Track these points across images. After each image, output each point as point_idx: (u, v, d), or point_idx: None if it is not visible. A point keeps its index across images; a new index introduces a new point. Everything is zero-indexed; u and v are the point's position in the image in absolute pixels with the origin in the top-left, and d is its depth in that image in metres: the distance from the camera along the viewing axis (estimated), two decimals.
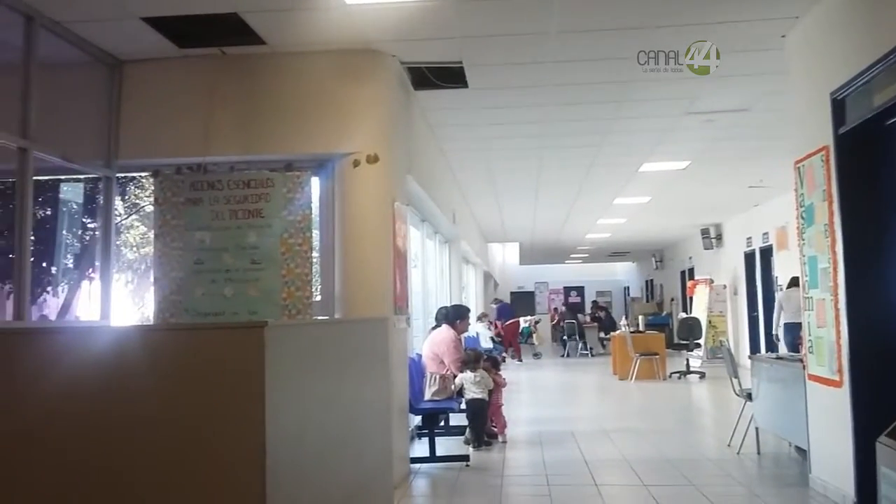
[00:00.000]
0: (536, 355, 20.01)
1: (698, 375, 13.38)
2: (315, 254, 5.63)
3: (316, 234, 5.69)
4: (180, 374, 2.33)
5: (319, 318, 5.41)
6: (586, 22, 5.26)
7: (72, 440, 2.32)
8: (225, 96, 5.64)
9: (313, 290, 5.53)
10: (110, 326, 4.63)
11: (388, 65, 5.78)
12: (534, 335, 21.21)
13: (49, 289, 9.64)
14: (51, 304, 9.65)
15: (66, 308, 8.84)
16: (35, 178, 4.83)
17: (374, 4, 4.88)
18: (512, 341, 19.04)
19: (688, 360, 14.18)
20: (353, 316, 5.40)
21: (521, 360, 18.45)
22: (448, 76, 6.20)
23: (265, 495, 2.16)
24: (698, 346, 15.26)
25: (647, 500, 5.17)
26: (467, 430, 7.27)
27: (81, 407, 2.33)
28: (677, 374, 13.47)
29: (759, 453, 6.53)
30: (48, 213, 8.78)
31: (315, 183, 5.68)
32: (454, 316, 7.77)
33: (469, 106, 7.15)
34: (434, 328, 7.98)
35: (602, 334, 20.43)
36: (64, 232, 8.81)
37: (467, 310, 8.46)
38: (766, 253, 14.21)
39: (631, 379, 13.08)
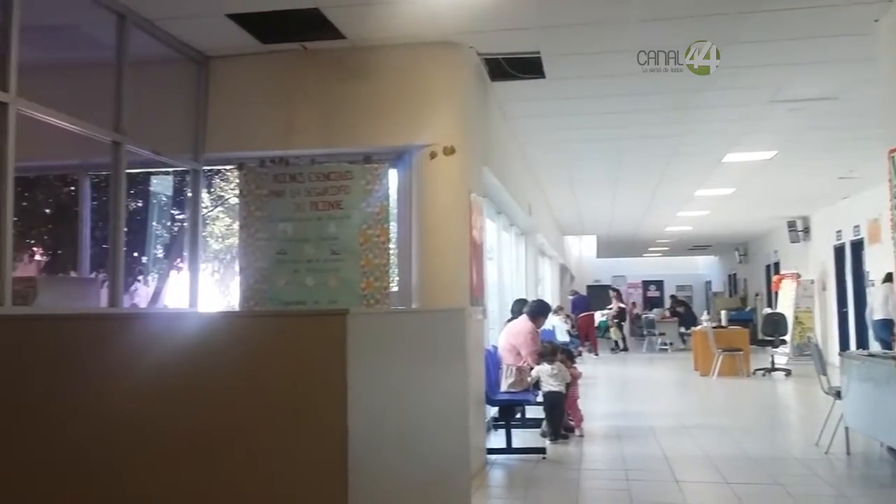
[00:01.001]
0: (614, 349, 19.74)
1: (784, 373, 12.93)
2: (392, 245, 5.71)
3: (393, 225, 5.76)
4: (264, 359, 2.40)
5: (397, 307, 5.47)
6: (667, 9, 5.13)
7: (161, 420, 2.42)
8: (306, 90, 5.75)
9: (391, 280, 5.59)
10: (198, 313, 4.79)
11: (465, 56, 5.79)
12: (611, 329, 20.92)
13: (140, 278, 10.06)
14: (141, 293, 10.06)
15: (156, 296, 9.19)
16: (127, 171, 5.04)
17: None
18: (588, 334, 18.82)
19: (773, 356, 13.72)
20: (430, 306, 5.44)
21: (597, 354, 18.23)
22: (525, 67, 6.16)
23: (347, 479, 2.21)
24: (784, 342, 14.75)
25: (730, 499, 5.04)
26: (544, 422, 7.24)
27: (170, 389, 2.43)
28: (762, 371, 13.05)
29: (848, 453, 6.28)
30: (139, 205, 9.15)
31: (393, 175, 5.74)
32: (537, 311, 7.74)
33: (546, 96, 7.08)
34: (510, 320, 7.98)
35: (682, 329, 19.99)
36: (154, 223, 9.17)
37: (549, 308, 8.42)
38: (857, 247, 13.61)
39: (713, 375, 12.75)
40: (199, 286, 5.95)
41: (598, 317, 20.38)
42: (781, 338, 14.54)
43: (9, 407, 2.54)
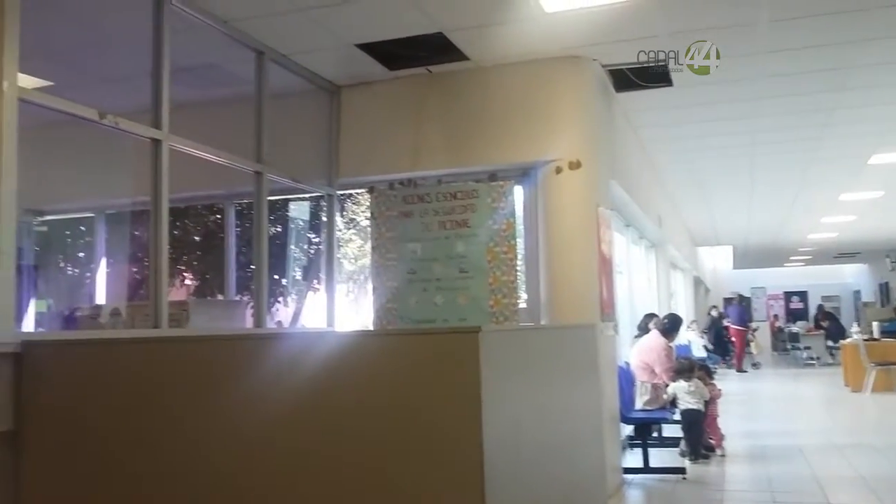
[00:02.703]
0: (755, 365, 18.80)
1: None
2: (520, 261, 5.71)
3: (520, 241, 5.77)
4: (400, 376, 2.47)
5: (527, 324, 5.47)
6: (800, 8, 4.90)
7: (301, 436, 2.53)
8: (432, 113, 5.89)
9: (519, 297, 5.60)
10: (336, 332, 4.98)
11: (588, 69, 5.75)
12: (752, 343, 19.93)
13: (280, 299, 10.56)
14: (282, 314, 10.55)
15: (296, 316, 9.62)
16: (268, 198, 5.33)
17: (573, 11, 4.88)
18: (739, 349, 17.95)
19: None
20: (560, 323, 5.41)
21: (741, 371, 17.38)
22: (651, 76, 6.04)
23: (484, 492, 2.23)
24: None
25: None
26: (682, 441, 7.00)
27: (310, 406, 2.54)
28: None
29: None
30: (279, 230, 9.63)
31: (518, 191, 5.77)
32: (669, 326, 7.54)
33: (674, 105, 6.91)
34: (637, 336, 7.81)
35: (829, 342, 18.79)
36: (292, 246, 9.63)
37: (681, 322, 8.18)
38: None
39: (866, 391, 11.89)
40: (335, 306, 6.18)
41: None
42: None
43: (166, 418, 2.74)
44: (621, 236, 8.96)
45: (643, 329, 7.89)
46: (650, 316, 8.15)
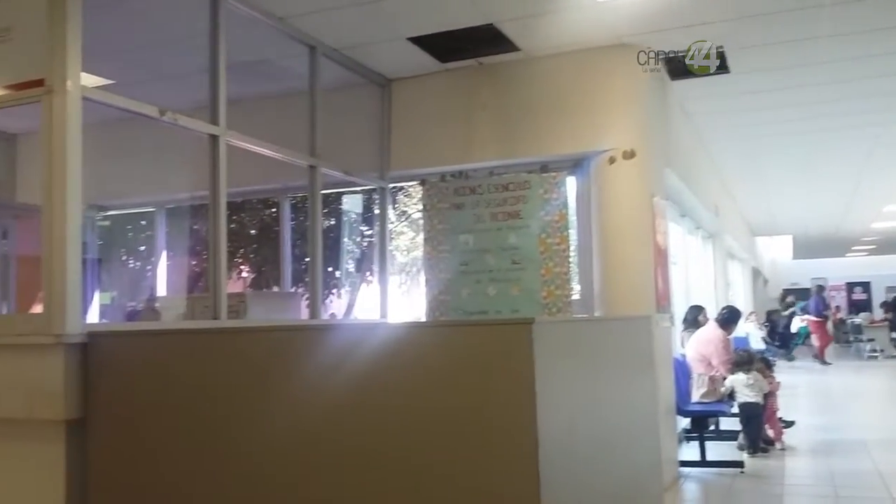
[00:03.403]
0: (817, 357, 18.31)
1: None
2: (573, 252, 5.67)
3: (573, 233, 5.73)
4: (453, 367, 2.47)
5: (581, 315, 5.43)
6: None
7: (355, 425, 2.56)
8: (483, 105, 5.87)
9: (572, 288, 5.56)
10: (389, 323, 5.02)
11: (641, 57, 5.65)
12: (812, 335, 19.40)
13: (334, 291, 10.69)
14: (336, 305, 10.68)
15: (349, 308, 9.73)
16: (322, 191, 5.39)
17: None
18: (822, 340, 17.40)
19: None
20: (614, 314, 5.36)
21: (825, 363, 16.74)
22: (707, 63, 5.91)
23: (539, 490, 2.22)
24: None
25: None
26: (740, 434, 6.88)
27: (364, 396, 2.57)
28: None
29: None
30: (332, 223, 9.75)
31: (571, 182, 5.72)
32: (727, 318, 7.42)
33: (730, 92, 6.76)
34: (684, 329, 7.71)
35: (894, 334, 18.19)
36: (346, 239, 9.74)
37: (739, 314, 8.04)
38: None
39: None
40: (388, 298, 6.23)
41: (799, 322, 18.97)
42: None
43: (225, 405, 2.80)
44: (677, 226, 8.83)
45: (691, 322, 7.79)
46: (697, 308, 8.03)
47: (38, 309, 3.48)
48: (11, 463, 3.19)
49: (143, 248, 10.14)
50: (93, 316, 6.40)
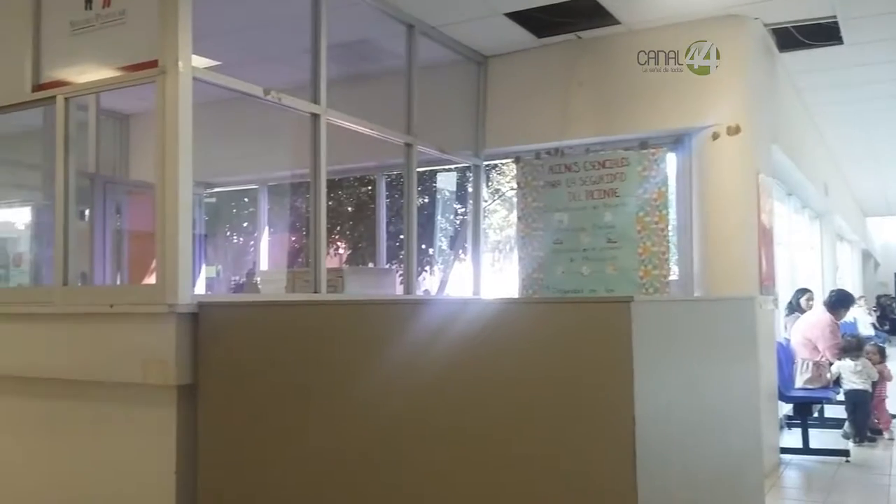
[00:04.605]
0: None
1: None
2: (672, 231, 5.54)
3: (672, 211, 5.58)
4: (549, 345, 2.46)
5: (680, 296, 5.30)
6: None
7: (447, 402, 2.58)
8: (581, 80, 5.77)
9: (670, 268, 5.44)
10: (483, 300, 5.04)
11: (749, 29, 5.42)
12: None
13: (427, 268, 10.81)
14: (429, 282, 10.80)
15: (442, 285, 9.81)
16: (417, 169, 5.44)
17: None
18: None
19: None
20: (714, 295, 5.20)
21: None
22: (819, 34, 5.62)
23: (635, 472, 2.19)
24: None
25: None
26: (846, 423, 6.60)
27: (459, 369, 2.59)
28: None
29: None
30: (426, 200, 9.83)
31: (671, 159, 5.57)
32: (837, 302, 7.12)
33: (843, 64, 6.43)
34: (788, 314, 7.41)
35: None
36: (439, 217, 9.81)
37: (851, 299, 7.67)
38: None
39: None
40: (481, 275, 6.25)
41: None
42: None
43: (324, 374, 2.89)
44: (782, 205, 8.48)
45: (795, 306, 7.49)
46: (802, 291, 7.71)
47: (150, 280, 3.65)
48: (127, 426, 3.38)
49: (245, 224, 10.52)
50: (199, 288, 6.69)
